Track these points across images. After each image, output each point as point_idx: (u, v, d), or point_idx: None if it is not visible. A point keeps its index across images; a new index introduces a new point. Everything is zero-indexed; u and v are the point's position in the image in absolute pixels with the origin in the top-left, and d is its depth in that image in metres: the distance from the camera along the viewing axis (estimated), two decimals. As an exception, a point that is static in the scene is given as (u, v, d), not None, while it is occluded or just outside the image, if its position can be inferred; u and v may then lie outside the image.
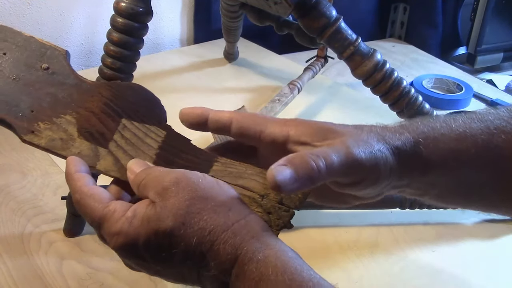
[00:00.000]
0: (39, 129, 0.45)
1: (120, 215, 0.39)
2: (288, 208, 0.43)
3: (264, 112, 0.90)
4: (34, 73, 0.47)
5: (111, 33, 0.60)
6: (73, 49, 1.19)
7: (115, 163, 0.45)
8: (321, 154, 0.39)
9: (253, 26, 0.95)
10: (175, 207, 0.38)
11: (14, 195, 0.74)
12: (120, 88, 0.48)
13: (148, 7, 0.61)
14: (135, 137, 0.46)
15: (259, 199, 0.43)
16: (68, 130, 0.45)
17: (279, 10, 0.68)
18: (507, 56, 1.37)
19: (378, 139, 0.42)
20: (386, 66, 0.66)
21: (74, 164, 0.44)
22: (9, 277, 0.60)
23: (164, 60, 1.21)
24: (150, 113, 0.48)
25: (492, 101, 1.15)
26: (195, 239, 0.37)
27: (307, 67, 1.08)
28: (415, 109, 0.68)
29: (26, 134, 0.45)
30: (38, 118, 0.45)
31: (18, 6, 1.08)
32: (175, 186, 0.39)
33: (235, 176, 0.45)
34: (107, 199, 0.41)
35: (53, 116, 0.45)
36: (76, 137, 0.45)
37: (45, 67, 0.47)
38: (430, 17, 1.43)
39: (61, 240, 0.66)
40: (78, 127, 0.45)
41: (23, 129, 0.45)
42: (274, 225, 0.42)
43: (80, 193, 0.41)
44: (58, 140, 0.45)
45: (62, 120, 0.45)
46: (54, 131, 0.45)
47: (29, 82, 0.46)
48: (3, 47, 0.47)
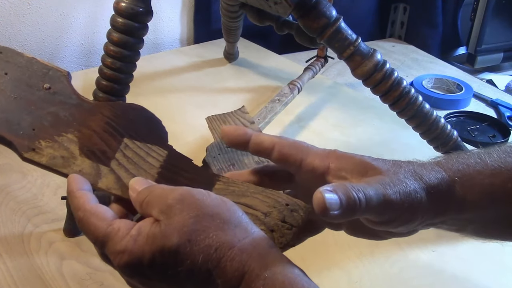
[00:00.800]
0: (40, 147, 0.45)
1: (124, 234, 0.39)
2: (291, 226, 0.43)
3: (264, 112, 0.90)
4: (36, 93, 0.47)
5: (111, 33, 0.60)
6: (73, 49, 1.19)
7: (117, 181, 0.45)
8: (361, 188, 0.40)
9: (253, 26, 0.95)
10: (181, 225, 0.38)
11: (14, 195, 0.74)
12: (122, 108, 0.48)
13: (148, 7, 0.61)
14: (137, 156, 0.46)
15: (262, 217, 0.43)
16: (70, 148, 0.45)
17: (279, 10, 0.68)
18: (507, 56, 1.38)
19: (414, 178, 0.44)
20: (386, 66, 0.66)
21: (76, 182, 0.43)
22: (9, 277, 0.60)
23: (164, 60, 1.21)
24: (151, 133, 0.48)
25: (492, 101, 1.15)
26: (202, 257, 0.37)
27: (307, 67, 1.08)
28: (415, 109, 0.68)
29: (27, 152, 0.44)
30: (39, 136, 0.45)
31: (18, 6, 1.08)
32: (180, 203, 0.39)
33: (238, 194, 0.45)
34: (111, 217, 0.41)
35: (55, 135, 0.45)
36: (77, 155, 0.45)
37: (47, 87, 0.47)
38: (430, 17, 1.43)
39: (61, 240, 0.66)
40: (80, 146, 0.45)
41: (24, 146, 0.44)
42: (277, 242, 0.42)
43: (84, 211, 0.41)
44: (59, 158, 0.45)
45: (63, 138, 0.45)
46: (56, 149, 0.45)
47: (30, 101, 0.46)
48: (5, 67, 0.47)
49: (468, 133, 1.03)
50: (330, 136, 0.95)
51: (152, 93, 1.05)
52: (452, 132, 0.71)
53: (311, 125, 0.98)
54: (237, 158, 0.74)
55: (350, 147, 0.92)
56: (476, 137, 1.01)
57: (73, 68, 1.20)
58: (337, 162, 0.44)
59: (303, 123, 0.99)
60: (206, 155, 0.74)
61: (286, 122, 0.98)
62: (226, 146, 0.75)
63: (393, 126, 0.97)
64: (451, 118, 1.08)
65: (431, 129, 0.70)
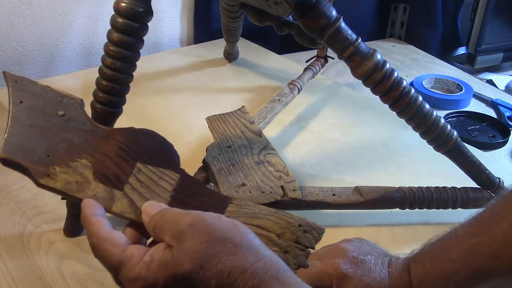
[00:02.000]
0: (54, 172, 0.45)
1: (137, 260, 0.39)
2: (305, 247, 0.44)
3: (264, 112, 0.90)
4: (51, 120, 0.48)
5: (111, 33, 0.60)
6: (73, 49, 1.19)
7: (131, 205, 0.45)
8: None
9: (253, 26, 0.95)
10: (192, 250, 0.38)
11: (14, 195, 0.74)
12: (134, 133, 0.49)
13: (148, 7, 0.61)
14: (150, 180, 0.47)
15: (275, 238, 0.44)
16: (84, 174, 0.46)
17: (279, 10, 0.68)
18: (507, 56, 1.38)
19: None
20: (386, 66, 0.66)
21: (90, 207, 0.44)
22: (9, 277, 0.60)
23: (164, 60, 1.21)
24: (164, 157, 0.48)
25: (492, 101, 1.15)
26: (214, 282, 0.37)
27: (307, 67, 1.08)
28: (415, 109, 0.68)
29: (42, 178, 0.45)
30: (54, 162, 0.46)
31: (18, 6, 1.08)
32: (191, 228, 0.39)
33: (251, 216, 0.45)
34: (124, 243, 0.41)
35: (69, 160, 0.46)
36: (91, 180, 0.46)
37: (61, 114, 0.48)
38: (430, 17, 1.43)
39: (61, 240, 0.66)
40: (94, 171, 0.46)
41: (39, 172, 0.45)
42: (291, 263, 0.43)
43: (98, 237, 0.41)
44: (73, 183, 0.45)
45: (78, 164, 0.46)
46: (70, 174, 0.45)
47: (45, 128, 0.47)
48: (20, 96, 0.48)
49: (468, 133, 1.03)
50: (330, 136, 0.95)
51: (152, 93, 1.05)
52: (452, 132, 0.71)
53: (311, 125, 0.98)
54: (237, 158, 0.74)
55: (350, 147, 0.92)
56: (476, 137, 1.01)
57: (73, 68, 1.20)
58: None
59: (303, 123, 0.99)
60: (206, 155, 0.74)
61: (286, 122, 0.98)
62: (226, 146, 0.75)
63: (393, 126, 0.97)
64: (451, 118, 1.08)
65: (431, 129, 0.70)
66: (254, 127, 0.81)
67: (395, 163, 0.87)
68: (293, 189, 0.68)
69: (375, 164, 0.86)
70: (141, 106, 0.98)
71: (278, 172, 0.71)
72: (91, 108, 0.62)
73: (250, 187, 0.68)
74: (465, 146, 0.73)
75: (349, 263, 0.55)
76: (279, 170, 0.72)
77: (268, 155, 0.75)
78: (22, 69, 1.13)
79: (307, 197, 0.69)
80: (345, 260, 0.56)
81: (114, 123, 0.63)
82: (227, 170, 0.71)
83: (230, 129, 0.80)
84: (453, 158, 0.72)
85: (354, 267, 0.55)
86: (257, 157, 0.74)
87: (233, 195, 0.66)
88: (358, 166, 0.86)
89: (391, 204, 0.72)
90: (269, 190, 0.68)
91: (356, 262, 0.56)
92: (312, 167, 0.85)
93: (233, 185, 0.68)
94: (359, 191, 0.71)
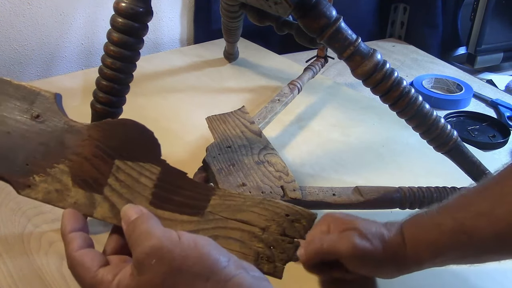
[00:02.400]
0: (34, 182, 0.45)
1: (106, 286, 0.40)
2: (292, 238, 0.42)
3: (264, 112, 0.90)
4: (27, 123, 0.47)
5: (111, 33, 0.60)
6: (73, 49, 1.19)
7: (111, 209, 0.44)
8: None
9: (253, 26, 0.95)
10: (151, 284, 0.38)
11: (14, 195, 0.73)
12: (110, 126, 0.46)
13: (148, 7, 0.61)
14: (130, 178, 0.45)
15: (259, 233, 0.42)
16: (63, 180, 0.45)
17: (279, 10, 0.68)
18: (507, 56, 1.38)
19: (380, 238, 0.55)
20: (386, 66, 0.66)
21: (68, 221, 0.44)
22: (9, 277, 0.60)
23: (164, 60, 1.21)
24: (143, 148, 0.46)
25: (492, 101, 1.15)
26: None
27: (307, 67, 1.08)
28: (415, 109, 0.68)
29: (23, 189, 0.45)
30: (33, 171, 0.45)
31: (18, 6, 1.08)
32: (149, 259, 0.38)
33: (234, 210, 0.44)
34: (96, 266, 0.41)
35: (47, 167, 0.45)
36: (71, 186, 0.45)
37: (35, 115, 0.47)
38: (430, 17, 1.43)
39: (61, 240, 0.65)
40: (72, 176, 0.45)
41: (20, 184, 0.46)
42: (278, 259, 0.41)
43: (71, 259, 0.42)
44: (53, 192, 0.45)
45: (56, 170, 0.45)
46: (49, 182, 0.45)
47: (22, 134, 0.46)
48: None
49: (468, 133, 1.03)
50: (330, 136, 0.95)
51: (152, 93, 1.05)
52: (452, 132, 0.71)
53: (311, 125, 0.98)
54: (237, 158, 0.74)
55: (350, 147, 0.92)
56: (476, 137, 1.01)
57: (73, 68, 1.20)
58: None
59: (303, 123, 0.99)
60: (206, 155, 0.74)
61: (286, 122, 0.98)
62: (226, 146, 0.75)
63: (393, 126, 0.97)
64: (451, 118, 1.08)
65: (431, 129, 0.70)
66: (254, 127, 0.82)
67: (395, 163, 0.87)
68: (293, 189, 0.68)
69: (375, 164, 0.86)
70: (141, 106, 0.98)
71: (278, 172, 0.71)
72: (91, 108, 0.62)
73: (250, 187, 0.68)
74: (465, 146, 0.73)
75: (362, 237, 0.55)
76: (279, 170, 0.72)
77: (268, 155, 0.75)
78: (22, 69, 1.13)
79: (307, 197, 0.69)
80: (358, 234, 0.55)
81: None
82: (227, 170, 0.71)
83: (230, 129, 0.80)
84: (453, 158, 0.72)
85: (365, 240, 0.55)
86: (257, 157, 0.74)
87: (233, 195, 0.66)
88: (358, 166, 0.86)
89: (391, 204, 0.72)
90: (269, 190, 0.68)
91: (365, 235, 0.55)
92: (312, 167, 0.85)
93: (233, 185, 0.68)
94: (359, 191, 0.71)
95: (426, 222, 0.53)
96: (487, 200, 0.49)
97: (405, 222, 0.56)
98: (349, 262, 0.55)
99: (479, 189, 0.52)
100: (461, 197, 0.52)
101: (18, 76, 1.12)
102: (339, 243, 0.54)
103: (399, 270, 0.56)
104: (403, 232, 0.55)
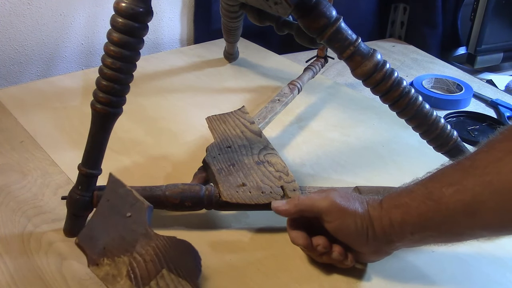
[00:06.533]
0: (102, 263, 0.55)
1: None
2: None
3: (264, 112, 0.90)
4: (120, 218, 0.57)
5: (111, 33, 0.60)
6: (73, 49, 1.19)
7: None
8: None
9: (253, 26, 0.95)
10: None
11: (14, 195, 0.74)
12: (173, 242, 0.55)
13: (148, 7, 0.61)
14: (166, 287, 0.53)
15: None
16: (121, 269, 0.54)
17: (279, 10, 0.68)
18: (507, 56, 1.38)
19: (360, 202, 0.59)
20: (386, 66, 0.66)
21: None
22: (9, 277, 0.60)
23: (164, 60, 1.21)
24: (188, 267, 0.54)
25: (492, 101, 1.15)
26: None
27: (307, 67, 1.08)
28: (415, 109, 0.68)
29: (92, 265, 0.55)
30: (105, 254, 0.55)
31: (18, 6, 1.08)
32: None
33: None
34: None
35: (116, 256, 0.55)
36: (124, 276, 0.54)
37: (128, 215, 0.57)
38: (430, 17, 1.43)
39: (61, 240, 0.66)
40: (128, 269, 0.54)
41: (92, 260, 0.55)
42: None
43: None
44: (110, 276, 0.54)
45: (120, 259, 0.55)
46: (111, 267, 0.54)
47: (113, 224, 0.57)
48: (109, 195, 0.58)
49: (468, 133, 1.03)
50: (330, 136, 0.95)
51: (152, 93, 1.05)
52: (452, 132, 0.71)
53: (311, 125, 0.98)
54: (237, 158, 0.74)
55: (350, 147, 0.92)
56: (476, 137, 1.01)
57: (73, 68, 1.20)
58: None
59: (303, 123, 0.99)
60: (206, 155, 0.74)
61: (286, 122, 0.98)
62: (226, 146, 0.75)
63: (393, 126, 0.97)
64: (451, 118, 1.08)
65: (431, 129, 0.70)
66: (254, 127, 0.82)
67: (395, 163, 0.87)
68: (293, 189, 0.68)
69: (375, 164, 0.86)
70: (141, 106, 0.98)
71: (278, 172, 0.71)
72: (91, 108, 0.62)
73: (250, 187, 0.68)
74: (465, 146, 0.73)
75: (341, 196, 0.60)
76: (279, 170, 0.72)
77: (268, 155, 0.75)
78: (22, 69, 1.13)
79: (307, 197, 0.69)
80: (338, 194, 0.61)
81: (114, 123, 0.63)
82: (227, 170, 0.71)
83: (230, 129, 0.80)
84: (453, 158, 0.72)
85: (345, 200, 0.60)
86: (257, 157, 0.74)
87: (233, 195, 0.66)
88: (358, 166, 0.86)
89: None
90: (269, 190, 0.68)
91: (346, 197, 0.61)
92: (312, 167, 0.85)
93: (233, 185, 0.68)
94: (359, 191, 0.71)
95: (402, 189, 0.57)
96: (457, 172, 0.53)
97: (386, 194, 0.60)
98: (327, 218, 0.59)
99: (453, 163, 0.55)
100: (437, 170, 0.56)
101: (18, 76, 1.13)
102: (319, 200, 0.60)
103: (375, 238, 0.58)
104: (382, 200, 0.59)
